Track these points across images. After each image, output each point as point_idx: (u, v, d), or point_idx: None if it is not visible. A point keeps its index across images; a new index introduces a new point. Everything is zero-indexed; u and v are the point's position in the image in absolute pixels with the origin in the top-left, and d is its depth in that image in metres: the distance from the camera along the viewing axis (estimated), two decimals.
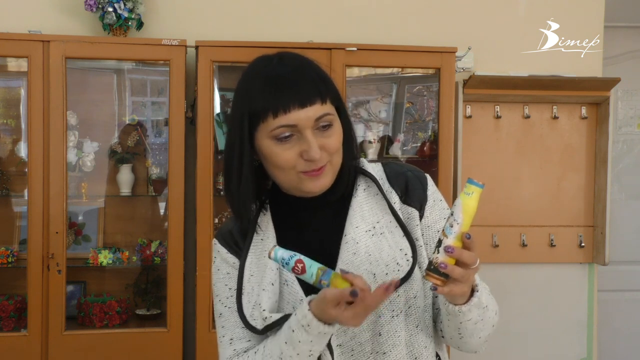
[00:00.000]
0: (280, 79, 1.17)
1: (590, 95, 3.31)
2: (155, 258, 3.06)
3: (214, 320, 3.00)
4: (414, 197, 1.27)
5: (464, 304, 1.15)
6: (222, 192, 3.05)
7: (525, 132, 3.37)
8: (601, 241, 3.33)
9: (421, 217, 1.27)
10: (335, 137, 1.20)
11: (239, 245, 1.29)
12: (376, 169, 1.32)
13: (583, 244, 3.39)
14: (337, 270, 1.17)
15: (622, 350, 4.02)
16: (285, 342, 1.16)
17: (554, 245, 3.37)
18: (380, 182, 1.29)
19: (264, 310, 1.19)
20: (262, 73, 1.19)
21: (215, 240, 1.34)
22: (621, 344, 4.01)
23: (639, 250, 3.98)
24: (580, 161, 3.41)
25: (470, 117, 3.30)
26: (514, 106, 3.35)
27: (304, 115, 1.15)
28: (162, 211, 3.23)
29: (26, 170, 2.88)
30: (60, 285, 2.83)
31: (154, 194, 3.17)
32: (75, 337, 2.88)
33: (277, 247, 1.14)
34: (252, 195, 1.24)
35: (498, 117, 3.34)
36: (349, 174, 1.27)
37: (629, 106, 3.95)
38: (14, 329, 2.89)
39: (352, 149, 1.26)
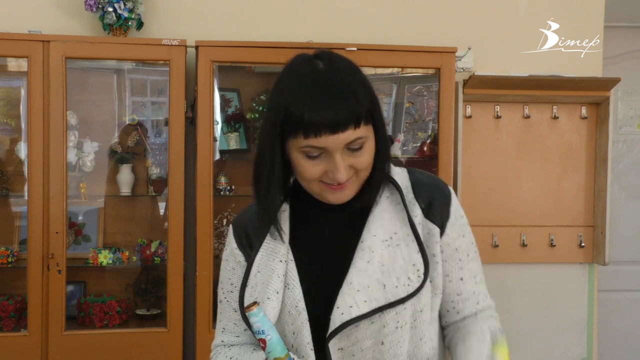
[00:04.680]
0: (320, 94, 1.14)
1: (590, 95, 3.31)
2: (155, 258, 3.06)
3: (214, 320, 3.00)
4: (437, 213, 1.27)
5: None
6: (222, 192, 3.06)
7: (525, 132, 3.37)
8: (601, 241, 3.33)
9: (442, 234, 1.27)
10: (365, 156, 1.19)
11: (250, 243, 1.31)
12: (402, 176, 1.31)
13: (583, 244, 3.39)
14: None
15: (622, 350, 4.02)
16: None
17: (554, 245, 3.37)
18: (405, 191, 1.28)
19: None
20: (304, 79, 1.16)
21: (231, 228, 1.35)
22: (621, 344, 4.01)
23: (639, 250, 3.98)
24: (580, 161, 3.41)
25: (470, 117, 3.30)
26: (514, 106, 3.35)
27: (335, 141, 1.14)
28: (162, 211, 3.23)
29: (26, 170, 2.88)
30: (60, 285, 2.83)
31: (154, 194, 3.17)
32: (75, 337, 2.88)
33: (258, 308, 1.15)
34: (280, 195, 1.25)
35: (498, 117, 3.34)
36: (377, 187, 1.26)
37: (629, 106, 3.95)
38: (14, 329, 2.89)
39: (383, 163, 1.25)
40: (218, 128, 3.07)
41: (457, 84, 3.17)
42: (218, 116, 3.07)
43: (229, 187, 3.10)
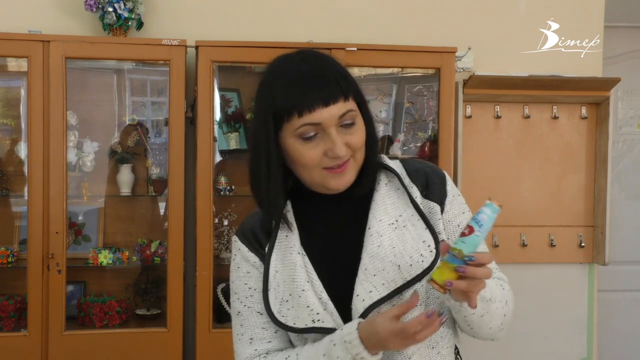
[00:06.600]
0: (304, 77, 1.18)
1: (590, 95, 3.31)
2: (155, 258, 3.06)
3: (214, 320, 3.00)
4: (435, 192, 1.30)
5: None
6: (222, 192, 3.06)
7: (525, 132, 3.37)
8: (601, 241, 3.33)
9: (442, 211, 1.29)
10: (358, 133, 1.22)
11: (261, 243, 1.30)
12: (396, 165, 1.34)
13: (583, 244, 3.39)
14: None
15: (622, 350, 4.02)
16: (324, 355, 1.18)
17: (554, 245, 3.37)
18: (401, 176, 1.31)
19: (317, 313, 1.21)
20: (285, 72, 1.21)
21: (235, 238, 1.35)
22: (621, 344, 4.01)
23: (639, 250, 3.98)
24: (580, 161, 3.41)
25: (470, 117, 3.30)
26: (514, 106, 3.35)
27: (328, 114, 1.17)
28: (162, 211, 3.23)
29: (26, 170, 2.88)
30: (60, 285, 2.83)
31: (154, 194, 3.17)
32: (75, 337, 2.88)
33: (497, 208, 1.10)
34: (281, 194, 1.26)
35: (498, 117, 3.34)
36: (373, 171, 1.29)
37: (629, 106, 3.95)
38: (14, 329, 2.89)
39: (375, 144, 1.28)
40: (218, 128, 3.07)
41: (457, 84, 3.17)
42: (218, 116, 3.07)
43: (229, 187, 3.09)
